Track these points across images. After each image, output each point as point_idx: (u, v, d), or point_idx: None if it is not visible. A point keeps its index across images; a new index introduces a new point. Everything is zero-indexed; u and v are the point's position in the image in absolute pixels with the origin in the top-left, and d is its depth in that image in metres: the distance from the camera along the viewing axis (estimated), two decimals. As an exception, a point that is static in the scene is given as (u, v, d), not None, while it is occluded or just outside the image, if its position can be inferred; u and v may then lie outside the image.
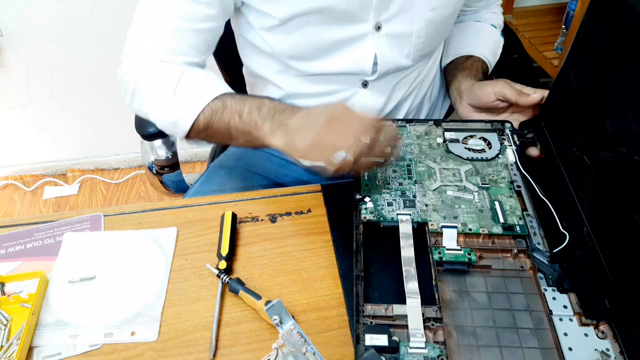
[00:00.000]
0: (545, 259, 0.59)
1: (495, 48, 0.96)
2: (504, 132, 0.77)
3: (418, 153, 0.74)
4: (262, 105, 0.71)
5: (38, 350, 0.58)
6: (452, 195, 0.67)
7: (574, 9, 1.39)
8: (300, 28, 0.76)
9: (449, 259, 0.60)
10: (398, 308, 0.55)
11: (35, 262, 0.67)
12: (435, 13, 0.79)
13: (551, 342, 0.53)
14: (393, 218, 0.65)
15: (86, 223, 0.72)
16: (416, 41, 0.81)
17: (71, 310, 0.61)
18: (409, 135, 0.78)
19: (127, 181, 2.00)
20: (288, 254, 0.67)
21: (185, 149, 1.99)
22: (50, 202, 1.92)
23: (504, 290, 0.58)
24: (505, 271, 0.60)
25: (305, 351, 0.55)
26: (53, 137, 1.91)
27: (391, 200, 0.67)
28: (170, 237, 0.69)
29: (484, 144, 0.75)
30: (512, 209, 0.65)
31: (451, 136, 0.77)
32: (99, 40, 1.65)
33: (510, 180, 0.69)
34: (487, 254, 0.61)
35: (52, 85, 1.75)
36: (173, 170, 0.97)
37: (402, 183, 0.70)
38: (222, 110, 0.72)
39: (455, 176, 0.70)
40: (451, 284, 0.58)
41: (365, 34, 0.78)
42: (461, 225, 0.63)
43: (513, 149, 0.74)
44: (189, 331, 0.59)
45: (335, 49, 0.79)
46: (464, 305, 0.56)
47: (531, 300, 0.57)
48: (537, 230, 0.62)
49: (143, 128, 0.91)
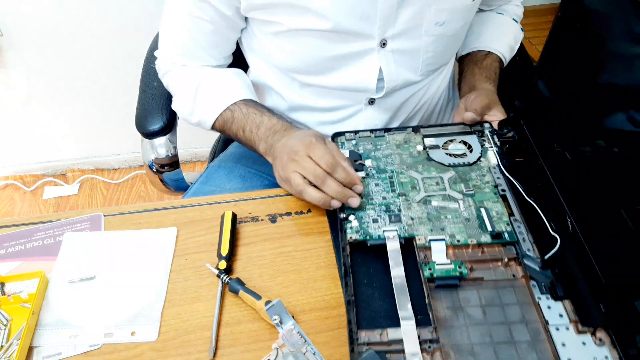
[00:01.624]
0: (537, 265, 0.58)
1: (514, 44, 0.94)
2: (484, 134, 0.76)
3: (399, 163, 0.73)
4: (260, 125, 0.77)
5: (38, 350, 0.58)
6: (437, 205, 0.66)
7: (574, 8, 1.39)
8: (304, 44, 0.76)
9: (440, 275, 0.58)
10: (393, 332, 0.54)
11: (35, 262, 0.67)
12: (445, 28, 0.76)
13: (550, 354, 0.51)
14: (379, 235, 0.63)
15: (86, 223, 0.72)
16: (424, 56, 0.79)
17: (71, 310, 0.61)
18: (388, 145, 0.76)
19: (127, 181, 2.00)
20: (288, 254, 0.67)
21: (186, 148, 1.99)
22: (50, 202, 1.92)
23: (498, 302, 0.56)
24: (498, 282, 0.58)
25: (305, 351, 0.55)
26: (53, 137, 1.91)
27: (376, 216, 0.66)
28: (170, 237, 0.69)
29: (464, 148, 0.74)
30: (499, 214, 0.64)
31: (431, 142, 0.75)
32: (99, 40, 1.65)
33: (495, 184, 0.68)
34: (478, 265, 0.60)
35: (52, 85, 1.75)
36: (173, 168, 0.97)
37: (385, 197, 0.68)
38: (231, 122, 0.80)
39: (438, 185, 0.69)
40: (444, 300, 0.57)
41: (370, 50, 0.76)
42: (449, 237, 0.62)
43: (494, 150, 0.72)
44: (189, 331, 0.59)
45: (338, 64, 0.78)
46: (459, 323, 0.55)
47: (526, 310, 0.55)
48: (526, 236, 0.61)
49: (143, 126, 0.92)
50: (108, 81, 1.75)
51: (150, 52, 1.01)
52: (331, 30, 0.72)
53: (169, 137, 0.93)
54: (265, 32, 0.78)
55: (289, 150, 0.69)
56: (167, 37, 0.84)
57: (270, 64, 0.84)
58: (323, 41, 0.75)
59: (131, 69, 1.64)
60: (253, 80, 0.91)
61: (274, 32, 0.77)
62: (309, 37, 0.74)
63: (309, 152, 0.67)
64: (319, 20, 0.71)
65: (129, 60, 1.68)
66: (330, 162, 0.66)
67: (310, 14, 0.71)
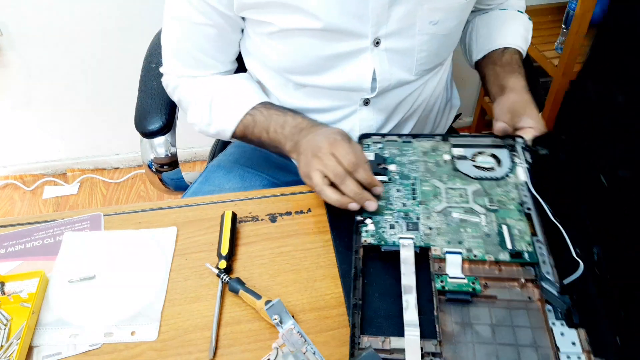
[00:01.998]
0: (555, 289, 0.55)
1: (526, 34, 0.91)
2: (516, 149, 0.73)
3: (424, 171, 0.71)
4: (285, 124, 0.76)
5: (38, 350, 0.58)
6: (458, 217, 0.64)
7: (574, 8, 1.39)
8: (297, 44, 0.75)
9: (452, 288, 0.57)
10: (396, 341, 0.53)
11: (35, 261, 0.67)
12: (438, 27, 0.76)
13: None
14: (395, 242, 0.62)
15: (86, 223, 0.72)
16: (418, 55, 0.78)
17: (71, 310, 0.61)
18: (414, 152, 0.75)
19: (127, 181, 2.00)
20: (288, 253, 0.67)
21: (185, 148, 1.99)
22: (50, 202, 1.92)
23: (509, 323, 0.54)
24: (512, 302, 0.56)
25: (305, 351, 0.55)
26: (53, 137, 1.91)
27: (393, 222, 0.65)
28: (170, 237, 0.69)
29: (493, 162, 0.72)
30: (521, 233, 0.62)
31: (459, 153, 0.73)
32: (99, 40, 1.65)
33: (520, 202, 0.66)
34: (493, 283, 0.58)
35: (52, 85, 1.75)
36: (172, 168, 0.97)
37: (405, 204, 0.67)
38: (253, 126, 0.79)
39: (462, 197, 0.67)
40: (453, 314, 0.55)
41: (363, 50, 0.76)
42: (466, 251, 0.60)
43: (524, 168, 0.70)
44: (189, 331, 0.59)
45: (331, 64, 0.77)
46: (466, 339, 0.53)
47: (538, 335, 0.53)
48: (547, 258, 0.58)
49: (142, 126, 0.92)
50: (108, 81, 1.75)
51: (150, 52, 1.01)
52: (323, 29, 0.72)
53: (168, 137, 0.93)
54: (259, 32, 0.78)
55: (313, 146, 0.69)
56: (171, 50, 0.83)
57: (265, 65, 0.83)
58: (316, 41, 0.74)
59: (131, 68, 1.64)
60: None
61: (267, 32, 0.76)
62: (302, 37, 0.74)
63: (332, 149, 0.66)
64: (310, 20, 0.71)
65: (129, 60, 1.68)
66: (352, 162, 0.65)
67: (301, 13, 0.71)
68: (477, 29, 0.93)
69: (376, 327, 0.56)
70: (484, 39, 0.90)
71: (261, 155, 0.96)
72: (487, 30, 0.91)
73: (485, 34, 0.91)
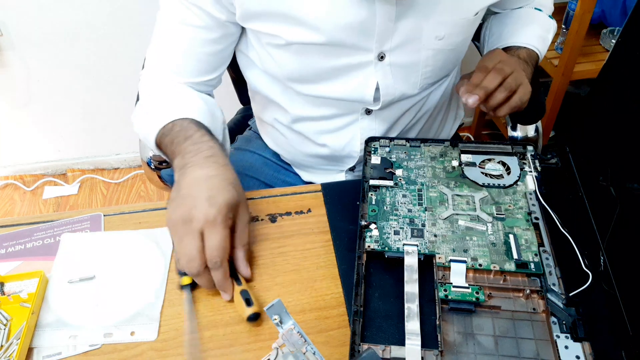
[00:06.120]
0: (561, 301, 0.55)
1: (543, 33, 0.85)
2: (525, 157, 0.72)
3: (431, 177, 0.71)
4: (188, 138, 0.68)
5: (38, 350, 0.58)
6: (464, 225, 0.64)
7: (574, 8, 1.39)
8: (300, 54, 0.73)
9: (456, 298, 0.56)
10: (396, 350, 0.52)
11: (35, 261, 0.67)
12: (444, 42, 0.74)
13: None
14: (399, 248, 0.61)
15: (86, 223, 0.72)
16: (423, 70, 0.77)
17: (71, 310, 0.61)
18: (422, 156, 0.74)
19: (127, 181, 2.00)
20: (288, 253, 0.67)
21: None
22: (50, 202, 1.92)
23: (512, 334, 0.54)
24: (516, 313, 0.56)
25: (305, 351, 0.54)
26: (53, 137, 1.91)
27: (398, 228, 0.64)
28: (170, 237, 0.69)
29: (502, 169, 0.71)
30: (528, 243, 0.61)
31: (468, 159, 0.72)
32: (99, 41, 1.65)
33: (528, 211, 0.65)
34: (497, 293, 0.57)
35: (52, 85, 1.75)
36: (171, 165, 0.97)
37: (411, 210, 0.66)
38: (168, 134, 0.71)
39: (469, 204, 0.66)
40: (456, 324, 0.55)
41: (367, 63, 0.74)
42: (471, 260, 0.59)
43: (534, 176, 0.69)
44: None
45: (334, 76, 0.75)
46: (468, 350, 0.52)
47: (541, 347, 0.52)
48: (553, 269, 0.58)
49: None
50: (108, 81, 1.75)
51: (150, 52, 1.00)
52: (325, 43, 0.70)
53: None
54: (263, 43, 0.75)
55: (190, 205, 0.59)
56: (157, 54, 0.79)
57: (267, 73, 0.80)
58: (319, 53, 0.72)
59: (131, 68, 1.65)
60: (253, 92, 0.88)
61: (270, 44, 0.74)
62: (305, 49, 0.72)
63: (205, 228, 0.58)
64: (312, 33, 0.69)
65: (129, 59, 1.68)
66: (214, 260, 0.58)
67: (303, 26, 0.69)
68: (490, 27, 0.90)
69: (377, 334, 0.56)
70: (495, 37, 0.88)
71: (259, 159, 0.96)
72: (499, 29, 0.88)
73: (496, 32, 0.88)
